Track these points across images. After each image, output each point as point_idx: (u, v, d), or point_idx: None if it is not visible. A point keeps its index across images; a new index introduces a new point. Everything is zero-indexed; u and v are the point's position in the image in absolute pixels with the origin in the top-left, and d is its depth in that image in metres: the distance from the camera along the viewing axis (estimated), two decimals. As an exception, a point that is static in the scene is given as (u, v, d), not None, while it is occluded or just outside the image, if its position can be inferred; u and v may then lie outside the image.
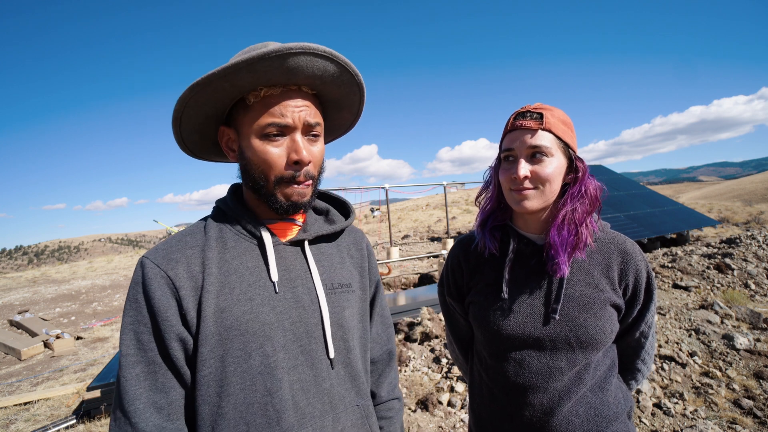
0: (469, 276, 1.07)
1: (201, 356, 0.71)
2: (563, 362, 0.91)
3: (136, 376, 0.69)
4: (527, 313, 0.94)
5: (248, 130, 0.76)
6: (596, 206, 0.95)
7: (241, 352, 0.72)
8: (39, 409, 4.07)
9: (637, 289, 0.95)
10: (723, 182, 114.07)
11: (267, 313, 0.75)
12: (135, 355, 0.70)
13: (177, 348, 0.71)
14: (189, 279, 0.73)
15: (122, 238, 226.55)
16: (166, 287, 0.71)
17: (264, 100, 0.75)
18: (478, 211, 1.07)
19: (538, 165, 0.90)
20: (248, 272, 0.77)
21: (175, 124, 0.79)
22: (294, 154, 0.75)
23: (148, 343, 0.70)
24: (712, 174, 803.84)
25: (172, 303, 0.71)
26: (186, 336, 0.72)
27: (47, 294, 11.21)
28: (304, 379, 0.77)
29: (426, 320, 4.35)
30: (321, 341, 0.81)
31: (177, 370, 0.72)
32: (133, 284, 0.73)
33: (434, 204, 33.13)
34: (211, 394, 0.71)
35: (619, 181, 11.88)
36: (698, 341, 3.74)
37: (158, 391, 0.70)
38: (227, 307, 0.73)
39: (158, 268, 0.72)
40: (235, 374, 0.72)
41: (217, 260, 0.76)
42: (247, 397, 0.72)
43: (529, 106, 0.93)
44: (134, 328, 0.70)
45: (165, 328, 0.70)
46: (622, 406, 0.96)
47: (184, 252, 0.76)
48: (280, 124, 0.74)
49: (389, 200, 7.93)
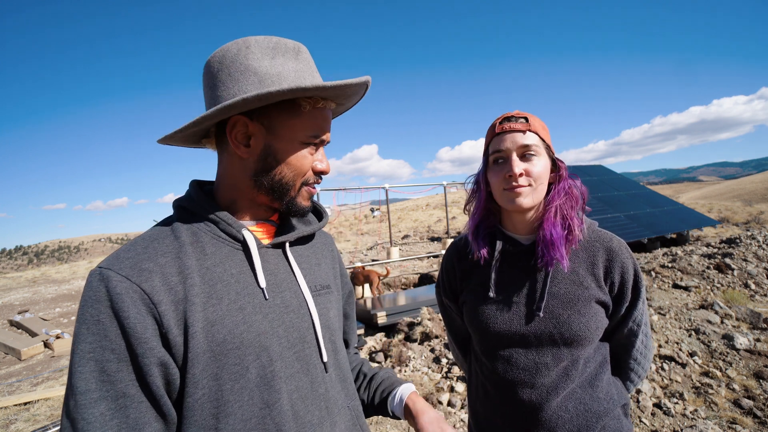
0: (462, 277, 1.11)
1: (192, 378, 0.64)
2: (549, 358, 0.94)
3: (100, 415, 0.58)
4: (513, 311, 0.98)
5: (292, 134, 0.74)
6: (580, 203, 1.00)
7: (238, 366, 0.67)
8: (39, 409, 4.07)
9: (623, 286, 0.96)
10: (723, 182, 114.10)
11: (260, 322, 0.71)
12: (97, 391, 0.58)
13: (156, 374, 0.62)
14: (167, 292, 0.64)
15: (122, 238, 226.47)
16: (141, 304, 0.61)
17: (316, 111, 0.75)
18: (469, 219, 1.10)
19: (529, 163, 0.95)
20: (234, 279, 0.71)
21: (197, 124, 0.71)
22: (320, 164, 0.79)
23: (115, 373, 0.59)
24: (712, 174, 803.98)
25: (149, 322, 0.61)
26: (167, 360, 0.63)
27: (47, 294, 11.21)
28: (302, 386, 0.75)
29: (426, 320, 4.35)
30: (314, 346, 0.79)
31: (156, 401, 0.62)
32: (90, 302, 0.60)
33: (434, 204, 33.13)
34: (206, 416, 0.65)
35: (619, 181, 11.88)
36: (698, 341, 3.74)
37: (131, 429, 0.60)
38: (217, 320, 0.66)
39: (128, 280, 0.61)
40: (232, 392, 0.66)
41: (198, 268, 0.68)
42: (245, 413, 0.67)
43: (512, 113, 0.99)
44: (96, 356, 0.59)
45: (142, 352, 0.60)
46: (615, 401, 0.97)
47: (156, 260, 0.66)
48: (323, 138, 0.78)
49: (389, 200, 7.93)
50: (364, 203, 13.35)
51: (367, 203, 27.65)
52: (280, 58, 0.73)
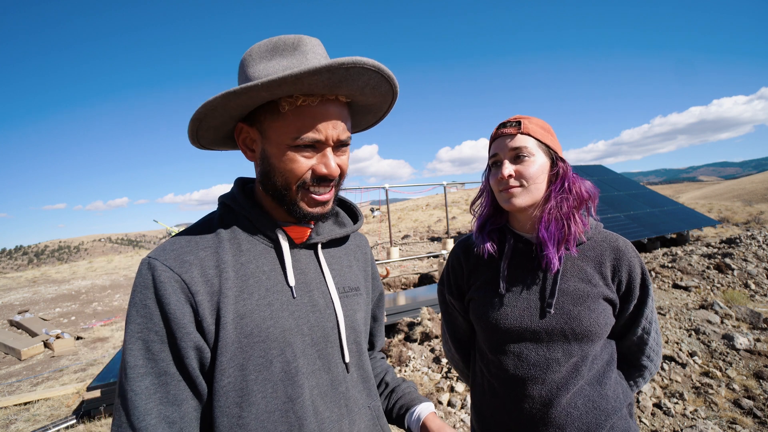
0: (469, 274, 1.12)
1: (220, 365, 0.68)
2: (560, 353, 0.95)
3: (146, 388, 0.64)
4: (524, 307, 0.99)
5: (277, 137, 0.72)
6: (584, 203, 1.00)
7: (263, 359, 0.70)
8: (39, 409, 4.07)
9: (631, 284, 0.98)
10: (723, 182, 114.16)
11: (286, 319, 0.74)
12: (144, 366, 0.65)
13: (193, 357, 0.67)
14: (204, 283, 0.69)
15: (122, 238, 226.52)
16: (180, 292, 0.67)
17: (299, 110, 0.70)
18: (475, 217, 1.14)
19: (521, 165, 0.98)
20: (265, 276, 0.75)
21: (194, 124, 0.74)
22: (323, 167, 0.73)
23: (159, 352, 0.65)
24: (712, 174, 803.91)
25: (187, 309, 0.67)
26: (202, 345, 0.68)
27: (47, 294, 11.21)
28: (322, 383, 0.77)
29: (426, 320, 4.35)
30: (337, 345, 0.80)
31: (192, 380, 0.68)
32: (140, 288, 0.67)
33: (434, 204, 33.14)
34: (231, 404, 0.68)
35: (619, 181, 11.88)
36: (698, 341, 3.74)
37: (170, 404, 0.66)
38: (247, 313, 0.70)
39: (171, 271, 0.67)
40: (256, 382, 0.69)
41: (233, 263, 0.73)
42: (269, 405, 0.70)
43: (510, 118, 1.03)
44: (143, 336, 0.65)
45: (181, 336, 0.66)
46: (621, 400, 0.98)
47: (197, 254, 0.71)
48: (313, 140, 0.71)
49: (389, 200, 7.94)
50: (364, 203, 13.35)
51: (367, 203, 27.64)
52: (278, 58, 0.72)
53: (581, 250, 1.00)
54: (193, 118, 0.72)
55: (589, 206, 1.02)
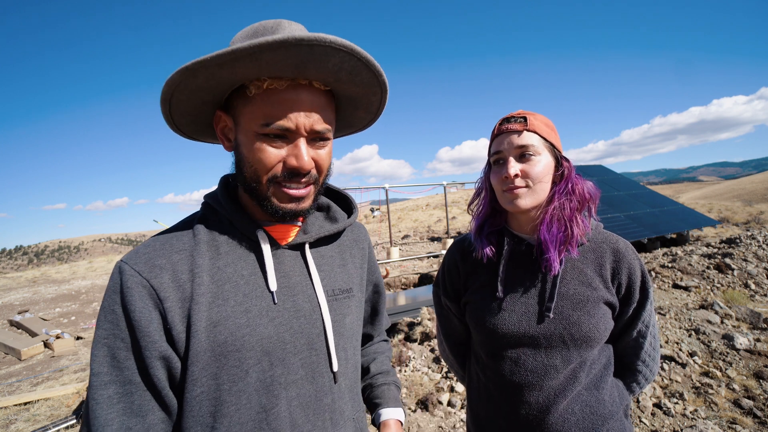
0: (466, 277, 1.09)
1: (191, 375, 0.64)
2: (558, 360, 0.92)
3: (108, 398, 0.61)
4: (522, 311, 0.96)
5: (246, 124, 0.67)
6: (585, 204, 0.97)
7: (237, 369, 0.66)
8: (39, 409, 4.07)
9: (631, 287, 0.95)
10: (723, 182, 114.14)
11: (265, 326, 0.69)
12: (108, 374, 0.61)
13: (158, 367, 0.63)
14: (175, 289, 0.65)
15: (122, 238, 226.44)
16: (148, 298, 0.63)
17: (266, 94, 0.65)
18: (472, 218, 1.09)
19: (527, 164, 0.93)
20: (243, 281, 0.70)
21: (164, 106, 0.69)
22: (293, 159, 0.67)
23: (124, 360, 0.62)
24: (712, 174, 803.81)
25: (154, 316, 0.63)
26: (170, 354, 0.64)
27: (47, 294, 11.21)
28: (304, 394, 0.72)
29: (426, 320, 4.35)
30: (323, 354, 0.75)
31: (157, 391, 0.64)
32: (109, 293, 0.64)
33: (434, 204, 33.12)
34: (204, 414, 0.65)
35: (619, 181, 11.88)
36: (698, 341, 3.74)
37: (134, 414, 0.62)
38: (221, 320, 0.66)
39: (139, 275, 0.64)
40: (230, 393, 0.66)
41: (209, 267, 0.68)
42: (242, 417, 0.66)
43: (513, 113, 0.97)
44: (109, 343, 0.62)
45: (146, 344, 0.62)
46: (617, 404, 0.96)
47: (170, 257, 0.67)
48: (282, 127, 0.65)
49: (389, 200, 7.94)
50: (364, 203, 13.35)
51: (367, 203, 27.64)
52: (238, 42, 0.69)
53: (581, 252, 0.97)
54: (161, 99, 0.68)
55: (591, 207, 0.98)
